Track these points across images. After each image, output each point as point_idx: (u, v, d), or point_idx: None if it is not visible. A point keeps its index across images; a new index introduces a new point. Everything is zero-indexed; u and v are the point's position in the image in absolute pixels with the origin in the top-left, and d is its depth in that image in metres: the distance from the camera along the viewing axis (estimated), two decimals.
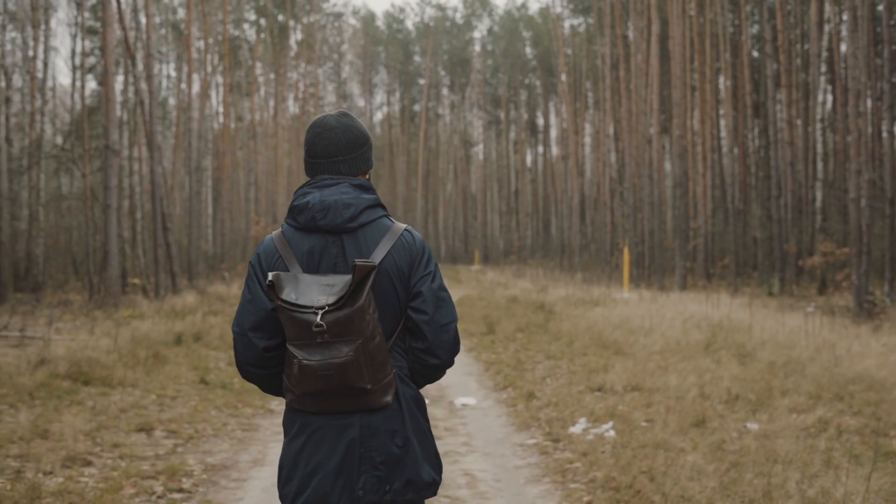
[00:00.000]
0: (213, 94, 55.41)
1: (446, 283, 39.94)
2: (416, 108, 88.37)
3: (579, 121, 66.67)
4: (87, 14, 46.32)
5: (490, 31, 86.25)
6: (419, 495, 3.42)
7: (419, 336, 3.47)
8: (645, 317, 19.49)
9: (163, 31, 61.33)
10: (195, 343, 16.85)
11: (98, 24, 46.73)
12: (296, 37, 69.57)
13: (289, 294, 3.27)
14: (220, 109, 53.80)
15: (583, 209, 64.51)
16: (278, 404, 11.83)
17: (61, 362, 13.42)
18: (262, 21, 64.58)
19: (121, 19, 30.68)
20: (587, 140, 71.58)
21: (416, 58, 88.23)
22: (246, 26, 65.25)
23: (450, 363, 3.53)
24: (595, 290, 29.90)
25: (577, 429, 9.54)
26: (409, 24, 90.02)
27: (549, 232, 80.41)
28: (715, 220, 43.07)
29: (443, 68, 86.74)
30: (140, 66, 32.82)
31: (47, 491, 7.28)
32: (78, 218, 38.25)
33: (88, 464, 8.24)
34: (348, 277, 3.29)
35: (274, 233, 3.49)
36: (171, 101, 61.50)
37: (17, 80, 48.13)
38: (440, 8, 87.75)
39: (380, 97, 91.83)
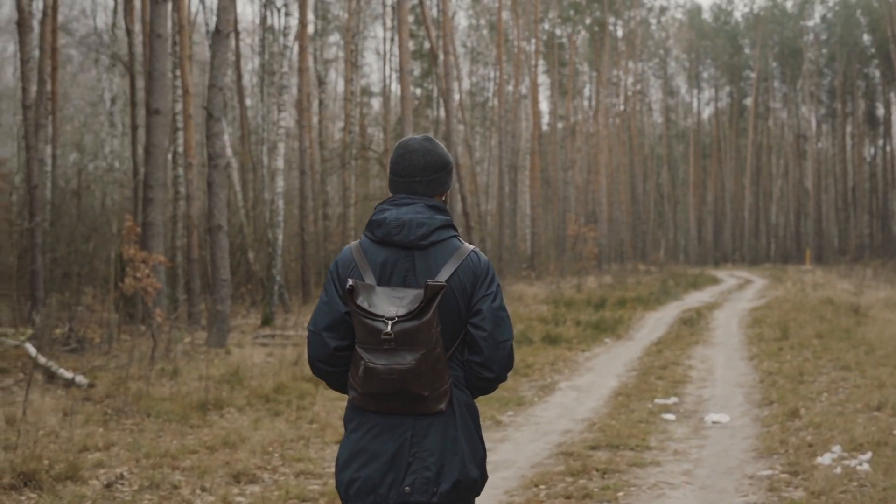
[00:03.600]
0: (531, 93, 55.22)
1: (767, 283, 38.04)
2: (745, 102, 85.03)
3: None
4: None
5: (823, 18, 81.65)
6: (463, 495, 3.56)
7: (476, 351, 3.62)
8: None
9: (485, 32, 61.90)
10: None
11: (418, 29, 47.65)
12: (616, 34, 68.47)
13: (363, 301, 3.48)
14: (541, 108, 53.51)
15: None
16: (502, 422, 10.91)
17: (307, 365, 13.11)
18: (582, 19, 63.94)
19: (423, 19, 30.82)
20: None
21: (745, 50, 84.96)
22: (565, 26, 64.85)
23: (503, 378, 3.69)
24: None
25: (825, 459, 8.00)
26: (738, 14, 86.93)
27: (889, 230, 75.31)
28: None
29: (773, 60, 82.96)
30: (441, 65, 32.81)
31: None
32: None
33: (255, 481, 7.63)
34: (417, 291, 3.50)
35: (353, 243, 3.72)
36: (492, 102, 61.96)
37: (341, 84, 49.90)
38: None
39: (707, 92, 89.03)
